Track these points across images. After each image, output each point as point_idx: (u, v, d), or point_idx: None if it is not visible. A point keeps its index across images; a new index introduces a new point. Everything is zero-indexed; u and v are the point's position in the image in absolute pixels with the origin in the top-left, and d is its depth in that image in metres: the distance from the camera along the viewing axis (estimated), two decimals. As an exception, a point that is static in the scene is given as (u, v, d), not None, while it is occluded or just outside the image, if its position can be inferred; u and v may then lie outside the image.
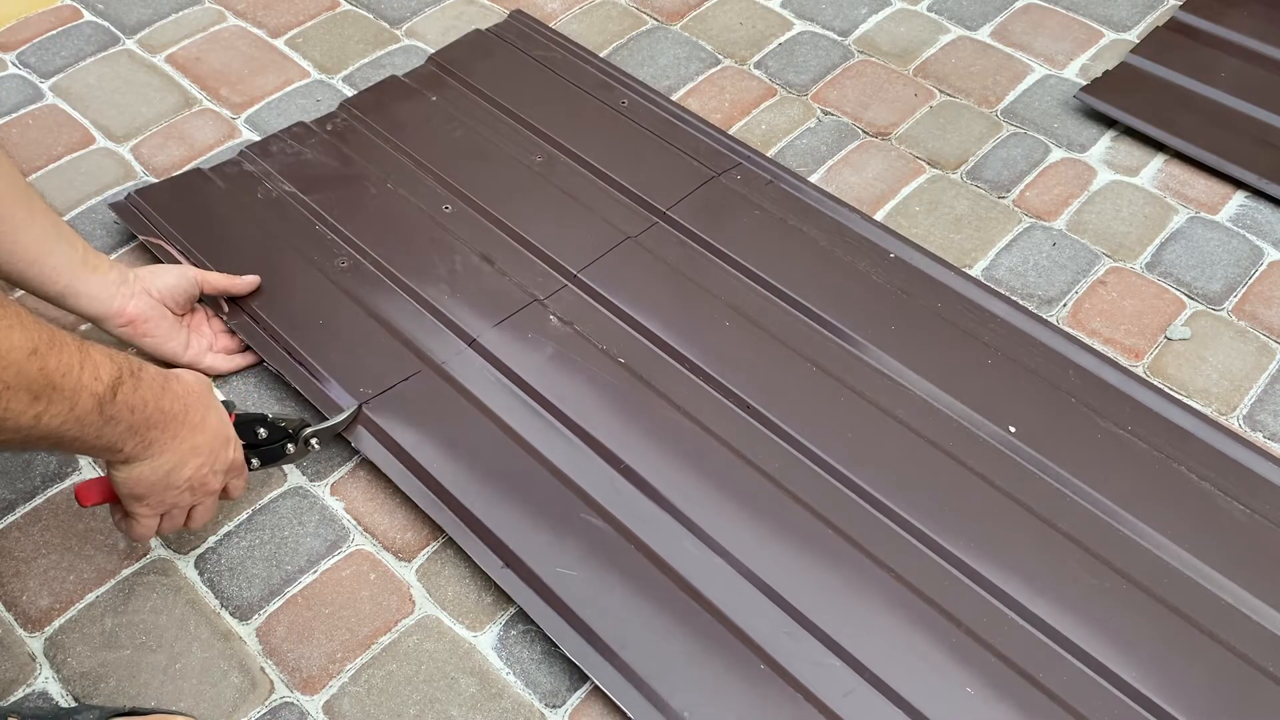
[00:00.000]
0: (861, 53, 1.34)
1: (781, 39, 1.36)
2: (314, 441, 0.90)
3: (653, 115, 1.22)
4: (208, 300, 1.02)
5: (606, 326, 1.01)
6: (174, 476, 0.73)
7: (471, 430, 0.94)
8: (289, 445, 0.88)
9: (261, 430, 0.86)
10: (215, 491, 0.80)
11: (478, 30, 1.35)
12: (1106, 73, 1.28)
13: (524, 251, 1.08)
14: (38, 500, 0.92)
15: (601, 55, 1.33)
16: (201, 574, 0.88)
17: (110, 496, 0.78)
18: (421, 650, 0.84)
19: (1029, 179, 1.19)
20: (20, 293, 1.00)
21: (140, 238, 1.09)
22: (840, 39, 1.36)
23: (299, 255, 1.07)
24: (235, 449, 0.80)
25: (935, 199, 1.17)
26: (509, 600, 0.85)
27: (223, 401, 0.81)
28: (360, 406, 0.94)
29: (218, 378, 1.00)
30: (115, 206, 1.13)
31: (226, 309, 1.02)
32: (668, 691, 0.78)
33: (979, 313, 1.03)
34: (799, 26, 1.38)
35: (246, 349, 1.01)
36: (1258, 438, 0.96)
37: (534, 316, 1.02)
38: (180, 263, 1.05)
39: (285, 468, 0.94)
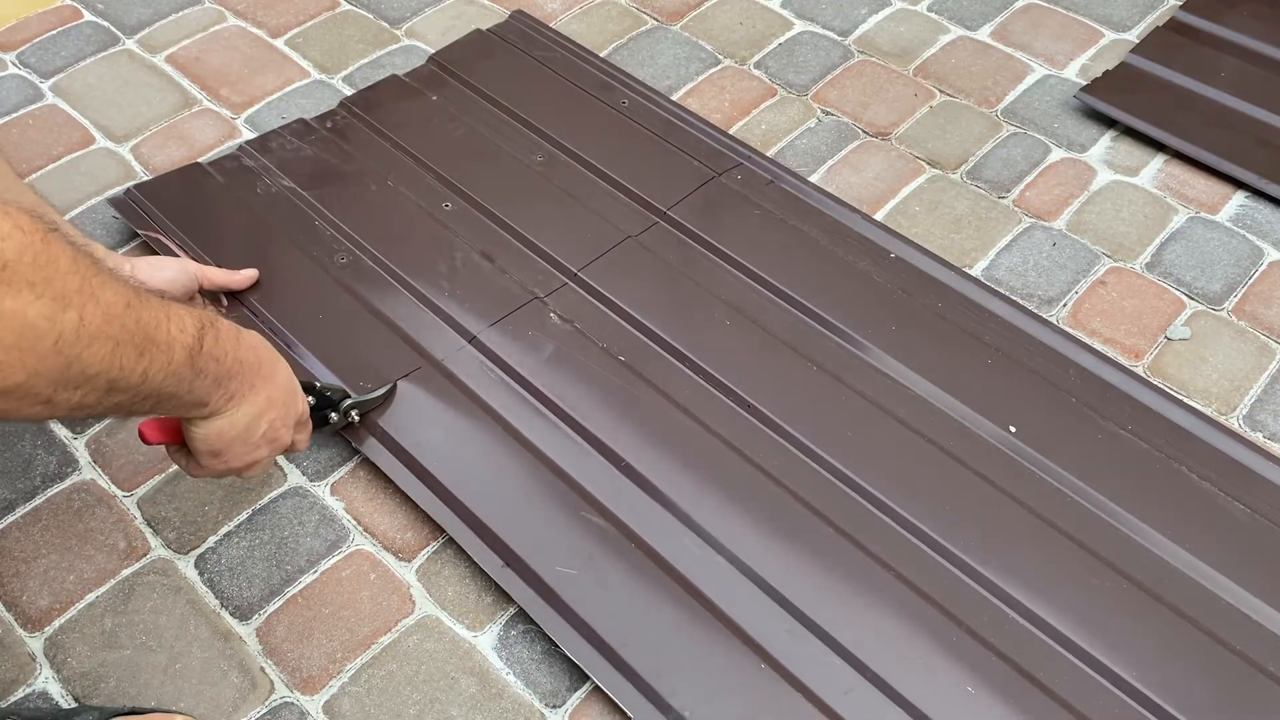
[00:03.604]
0: (861, 53, 1.34)
1: (781, 39, 1.36)
2: (354, 413, 0.91)
3: (653, 115, 1.22)
4: (207, 294, 1.02)
5: (607, 325, 1.01)
6: (251, 430, 0.73)
7: (471, 428, 0.94)
8: (332, 414, 0.90)
9: (310, 397, 0.86)
10: (285, 444, 0.79)
11: (478, 30, 1.35)
12: (1106, 73, 1.28)
13: (524, 250, 1.08)
14: (38, 500, 0.92)
15: (602, 55, 1.33)
16: (201, 574, 0.88)
17: (172, 437, 0.77)
18: (421, 650, 0.84)
19: (1029, 179, 1.19)
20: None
21: (139, 232, 1.09)
22: (840, 39, 1.36)
23: (298, 250, 1.07)
24: (302, 401, 0.80)
25: (935, 199, 1.17)
26: (509, 600, 0.85)
27: None
28: (395, 384, 0.95)
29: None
30: (114, 201, 1.13)
31: (225, 303, 1.02)
32: (668, 691, 0.78)
33: (979, 313, 1.03)
34: (799, 26, 1.38)
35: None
36: (1258, 438, 0.96)
37: (534, 314, 1.02)
38: (179, 256, 1.05)
39: (285, 468, 0.94)
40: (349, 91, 1.28)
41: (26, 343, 0.50)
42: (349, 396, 0.91)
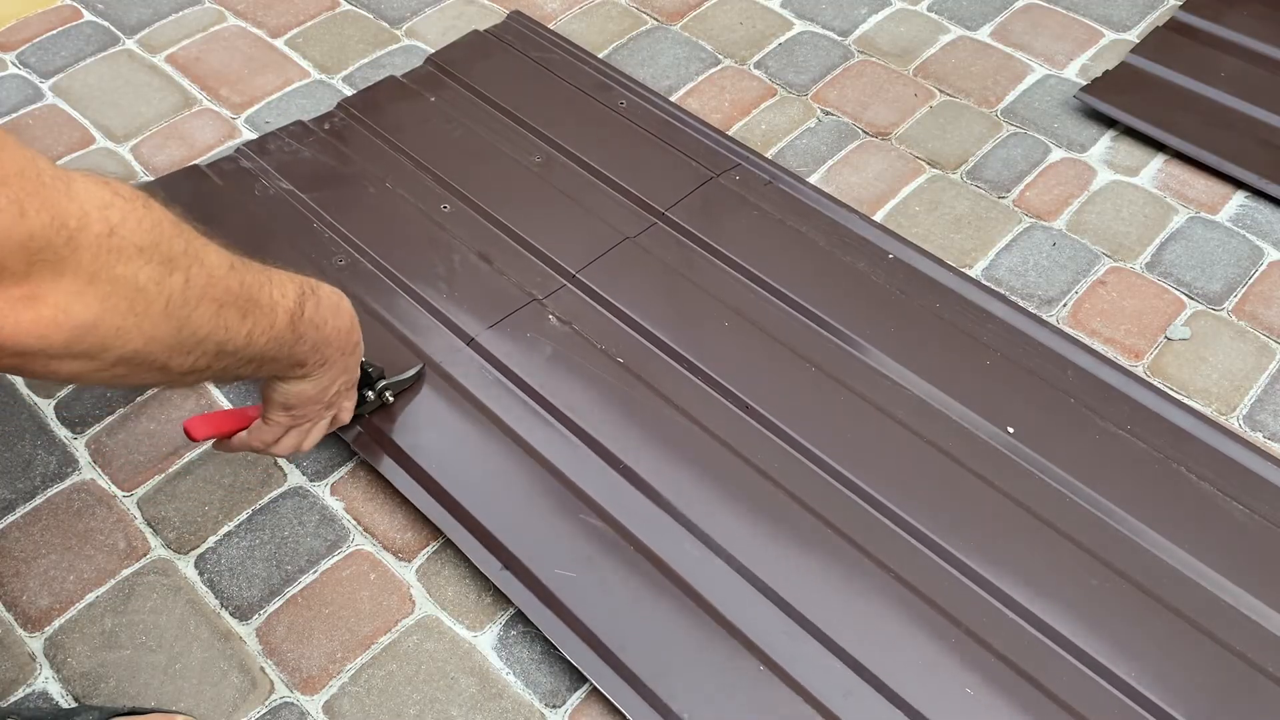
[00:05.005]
0: (861, 53, 1.34)
1: (781, 39, 1.36)
2: (388, 394, 0.93)
3: (651, 116, 1.22)
4: None
5: (605, 326, 1.01)
6: (327, 391, 0.75)
7: (470, 430, 0.94)
8: (368, 393, 0.91)
9: None
10: (336, 410, 0.81)
11: (476, 31, 1.35)
12: (1106, 73, 1.28)
13: (523, 251, 1.08)
14: (38, 500, 0.93)
15: (601, 55, 1.33)
16: (201, 574, 0.88)
17: (220, 431, 0.79)
18: (421, 650, 0.84)
19: (1029, 179, 1.19)
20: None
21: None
22: (840, 39, 1.36)
23: (296, 253, 1.07)
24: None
25: (935, 199, 1.17)
26: (508, 600, 0.85)
27: None
28: (424, 366, 0.97)
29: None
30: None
31: None
32: (668, 694, 0.78)
33: (977, 313, 1.03)
34: (799, 26, 1.38)
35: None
36: (1258, 438, 0.96)
37: (533, 316, 1.02)
38: None
39: (285, 468, 0.94)
40: (349, 91, 1.28)
41: (140, 308, 0.51)
42: (384, 376, 0.93)
